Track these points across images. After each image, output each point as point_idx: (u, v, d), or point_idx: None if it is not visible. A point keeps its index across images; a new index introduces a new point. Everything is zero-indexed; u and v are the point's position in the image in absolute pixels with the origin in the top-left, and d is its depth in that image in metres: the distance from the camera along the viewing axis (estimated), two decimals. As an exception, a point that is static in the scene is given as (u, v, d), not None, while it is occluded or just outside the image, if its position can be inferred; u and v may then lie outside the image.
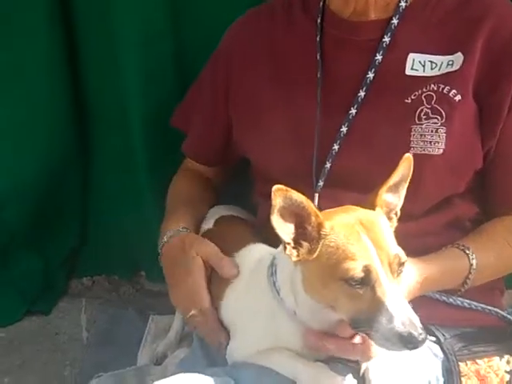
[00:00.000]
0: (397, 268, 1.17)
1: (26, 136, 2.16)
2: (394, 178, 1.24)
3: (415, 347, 1.12)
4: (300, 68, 1.54)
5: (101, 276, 2.50)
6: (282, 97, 1.55)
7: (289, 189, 1.15)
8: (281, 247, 1.31)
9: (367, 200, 1.25)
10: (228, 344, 1.40)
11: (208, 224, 1.64)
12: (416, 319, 1.13)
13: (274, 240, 1.39)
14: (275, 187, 1.14)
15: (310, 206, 1.17)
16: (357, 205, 1.24)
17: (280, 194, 1.15)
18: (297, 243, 1.19)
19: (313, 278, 1.20)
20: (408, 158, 1.24)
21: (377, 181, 1.38)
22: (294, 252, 1.18)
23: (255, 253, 1.45)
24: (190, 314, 1.45)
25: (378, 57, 1.46)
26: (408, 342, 1.11)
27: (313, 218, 1.17)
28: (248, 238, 1.52)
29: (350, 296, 1.15)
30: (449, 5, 1.48)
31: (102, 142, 2.26)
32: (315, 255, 1.17)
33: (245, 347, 1.35)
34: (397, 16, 1.46)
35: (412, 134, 1.42)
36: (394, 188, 1.26)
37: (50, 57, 2.08)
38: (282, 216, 1.16)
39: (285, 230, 1.17)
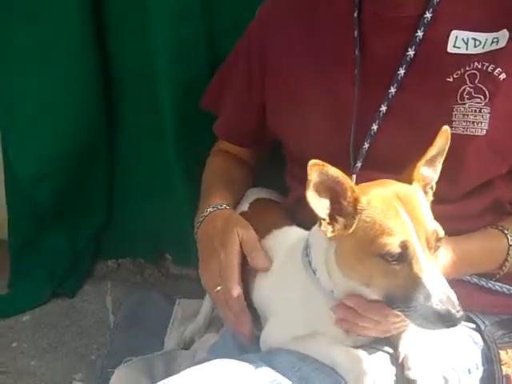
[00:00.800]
0: (434, 244, 1.15)
1: (57, 114, 2.14)
2: (432, 151, 1.22)
3: (453, 325, 1.10)
4: (337, 45, 1.49)
5: (126, 259, 2.48)
6: (318, 76, 1.50)
7: (325, 163, 1.13)
8: (315, 227, 1.28)
9: (404, 174, 1.23)
10: (260, 332, 1.37)
11: (243, 207, 1.61)
12: (454, 296, 1.10)
13: (305, 223, 1.38)
14: (311, 162, 1.12)
15: (347, 180, 1.15)
16: (394, 179, 1.21)
17: (316, 169, 1.12)
18: (332, 219, 1.16)
19: (347, 254, 1.18)
20: (446, 130, 1.21)
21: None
22: (329, 228, 1.16)
23: (290, 235, 1.42)
24: (216, 289, 1.41)
25: (419, 33, 1.39)
26: (446, 320, 1.09)
27: (349, 193, 1.15)
28: (283, 221, 1.49)
29: (385, 272, 1.13)
30: None
31: (130, 122, 2.23)
32: (351, 230, 1.14)
33: (280, 333, 1.32)
34: None
35: (454, 113, 1.37)
36: (431, 162, 1.24)
37: (81, 32, 2.05)
38: (318, 191, 1.14)
39: (320, 205, 1.15)
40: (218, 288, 1.41)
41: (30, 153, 2.19)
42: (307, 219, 1.32)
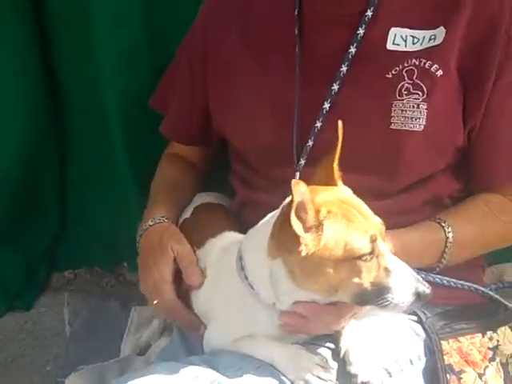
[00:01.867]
0: (383, 235, 1.20)
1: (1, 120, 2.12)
2: (339, 148, 1.25)
3: (426, 300, 1.19)
4: (278, 43, 1.51)
5: (82, 269, 2.47)
6: (258, 72, 1.51)
7: (300, 181, 1.13)
8: (246, 242, 1.30)
9: (319, 176, 1.26)
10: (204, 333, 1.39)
11: (187, 213, 1.62)
12: (415, 273, 1.19)
13: (251, 227, 1.38)
14: (295, 181, 1.12)
15: (308, 193, 1.15)
16: (314, 183, 1.24)
17: (298, 189, 1.11)
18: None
19: (311, 268, 1.17)
20: (340, 125, 1.26)
21: (358, 158, 1.39)
22: (303, 246, 1.15)
23: (224, 242, 1.43)
24: (154, 303, 1.45)
25: (360, 31, 1.42)
26: (422, 298, 1.18)
27: (310, 206, 1.15)
28: (223, 225, 1.49)
29: (357, 272, 1.16)
30: None
31: (78, 130, 2.22)
32: (323, 243, 1.15)
33: (220, 336, 1.34)
34: None
35: (393, 109, 1.39)
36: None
37: (21, 43, 2.04)
38: (296, 211, 1.14)
39: (297, 224, 1.15)
40: (155, 302, 1.45)
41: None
42: (253, 223, 1.34)
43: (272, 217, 1.25)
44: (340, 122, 1.26)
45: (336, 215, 1.16)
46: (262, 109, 1.51)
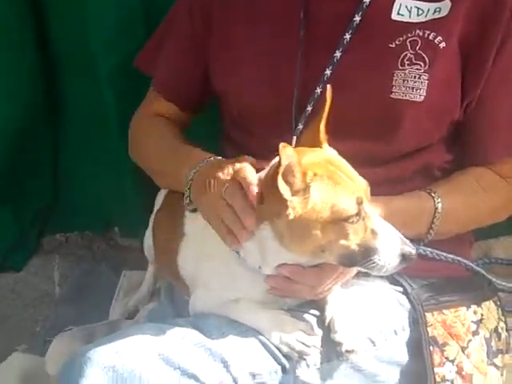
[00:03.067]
0: (369, 197, 1.21)
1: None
2: (326, 112, 1.26)
3: (412, 261, 1.21)
4: (283, 7, 1.50)
5: (74, 233, 2.47)
6: (262, 34, 1.51)
7: (288, 145, 1.13)
8: None
9: (305, 138, 1.27)
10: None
11: None
12: (401, 235, 1.20)
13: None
14: (283, 144, 1.11)
15: (295, 156, 1.15)
16: (300, 145, 1.25)
17: (285, 152, 1.11)
18: None
19: (297, 230, 1.18)
20: (329, 89, 1.27)
21: (357, 125, 1.40)
22: (290, 209, 1.16)
23: None
24: (226, 186, 1.27)
25: (366, 0, 1.42)
26: (408, 258, 1.20)
27: (297, 169, 1.15)
28: None
29: (344, 234, 1.17)
30: None
31: (71, 96, 2.20)
32: (310, 206, 1.15)
33: (206, 301, 1.35)
34: None
35: (394, 78, 1.40)
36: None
37: (14, 6, 2.00)
38: (284, 175, 1.14)
39: (284, 187, 1.15)
40: (227, 185, 1.27)
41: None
42: None
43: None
44: (329, 86, 1.27)
45: (323, 177, 1.17)
46: (263, 72, 1.50)
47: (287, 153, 1.11)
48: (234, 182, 1.26)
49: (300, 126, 1.45)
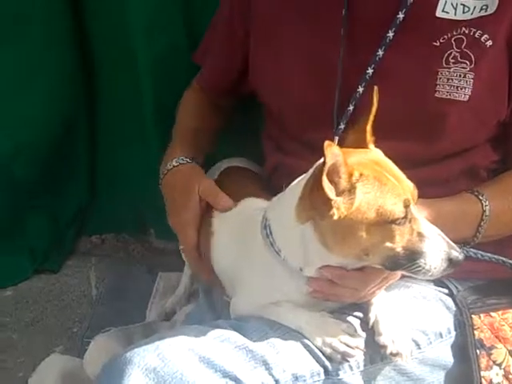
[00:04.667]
0: (416, 200, 1.19)
1: (34, 87, 2.12)
2: (373, 113, 1.23)
3: (459, 265, 1.18)
4: (325, 3, 1.47)
5: (110, 234, 2.47)
6: (303, 31, 1.48)
7: (333, 143, 1.10)
8: (273, 206, 1.28)
9: (352, 139, 1.25)
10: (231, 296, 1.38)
11: (212, 175, 1.60)
12: (450, 240, 1.17)
13: (281, 190, 1.36)
14: (327, 143, 1.08)
15: (341, 156, 1.12)
16: (345, 146, 1.22)
17: (330, 151, 1.09)
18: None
19: (342, 231, 1.15)
20: (376, 90, 1.24)
21: (401, 125, 1.37)
22: (335, 209, 1.13)
23: (246, 208, 1.40)
24: (180, 247, 1.53)
25: None
26: (455, 263, 1.17)
27: (343, 169, 1.12)
28: (248, 190, 1.47)
29: (390, 236, 1.14)
30: None
31: (109, 94, 2.21)
32: (355, 206, 1.13)
33: (247, 303, 1.33)
34: None
35: (438, 77, 1.37)
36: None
37: (54, 3, 2.03)
38: (327, 174, 1.11)
39: (329, 187, 1.12)
40: (181, 246, 1.53)
41: (6, 125, 2.17)
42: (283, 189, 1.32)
43: (300, 181, 1.22)
44: (376, 88, 1.24)
45: (369, 178, 1.14)
46: (304, 68, 1.48)
47: (333, 151, 1.08)
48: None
49: (342, 126, 1.42)
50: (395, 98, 1.38)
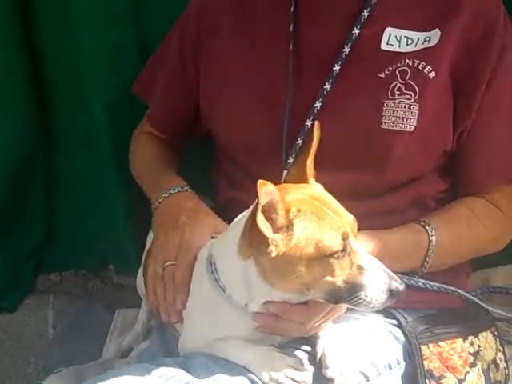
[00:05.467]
0: (356, 232, 1.19)
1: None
2: (314, 148, 1.25)
3: (400, 296, 1.18)
4: (272, 37, 1.50)
5: (69, 271, 2.44)
6: (251, 67, 1.50)
7: (267, 182, 1.11)
8: (217, 244, 1.29)
9: (292, 174, 1.27)
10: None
11: None
12: (390, 271, 1.17)
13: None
14: (260, 182, 1.10)
15: (277, 193, 1.13)
16: (288, 180, 1.26)
17: (264, 190, 1.10)
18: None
19: (282, 266, 1.16)
20: (317, 125, 1.27)
21: (348, 156, 1.40)
22: (273, 247, 1.14)
23: None
24: (167, 263, 1.39)
25: (356, 31, 1.42)
26: (396, 294, 1.17)
27: (280, 205, 1.13)
28: None
29: (330, 270, 1.15)
30: None
31: (65, 133, 2.20)
32: (293, 243, 1.13)
33: (194, 339, 1.32)
34: None
35: (384, 108, 1.39)
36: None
37: (7, 45, 2.01)
38: (263, 211, 1.13)
39: (266, 225, 1.13)
40: (169, 263, 1.38)
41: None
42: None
43: (242, 218, 1.23)
44: (317, 122, 1.27)
45: (306, 213, 1.15)
46: (254, 104, 1.50)
47: (267, 190, 1.10)
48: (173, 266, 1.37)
49: (291, 160, 1.44)
50: (342, 131, 1.41)
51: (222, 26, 1.56)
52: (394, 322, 1.41)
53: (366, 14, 1.42)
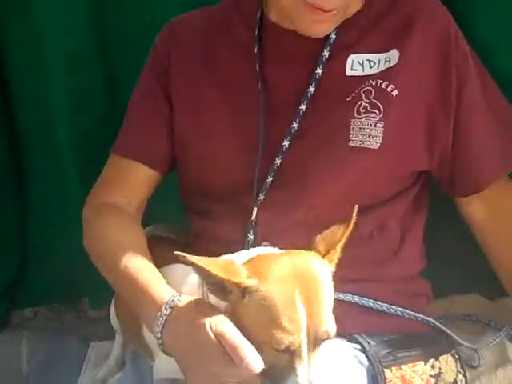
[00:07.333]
0: (320, 343, 1.16)
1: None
2: (349, 231, 1.22)
3: None
4: (241, 76, 1.54)
5: (42, 306, 2.46)
6: (226, 105, 1.53)
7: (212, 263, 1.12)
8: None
9: (317, 247, 1.22)
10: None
11: None
12: None
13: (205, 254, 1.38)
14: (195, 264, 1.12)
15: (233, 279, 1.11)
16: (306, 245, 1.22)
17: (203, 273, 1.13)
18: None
19: (235, 320, 1.15)
20: (355, 209, 1.24)
21: (321, 183, 1.45)
22: (221, 296, 1.16)
23: (169, 276, 1.37)
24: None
25: (319, 70, 1.47)
26: None
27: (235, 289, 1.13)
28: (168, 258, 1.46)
29: (271, 352, 1.13)
30: (381, 8, 1.51)
31: (37, 170, 2.24)
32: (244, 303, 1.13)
33: (168, 365, 1.31)
34: (334, 31, 1.49)
35: (351, 127, 1.44)
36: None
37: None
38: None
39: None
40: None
41: None
42: (211, 253, 1.31)
43: None
44: (356, 207, 1.24)
45: (273, 295, 1.11)
46: (227, 142, 1.53)
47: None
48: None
49: (261, 197, 1.48)
50: (314, 166, 1.46)
51: (192, 62, 1.59)
52: (358, 346, 1.45)
53: (326, 53, 1.48)
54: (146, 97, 1.66)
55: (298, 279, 1.12)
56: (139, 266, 1.35)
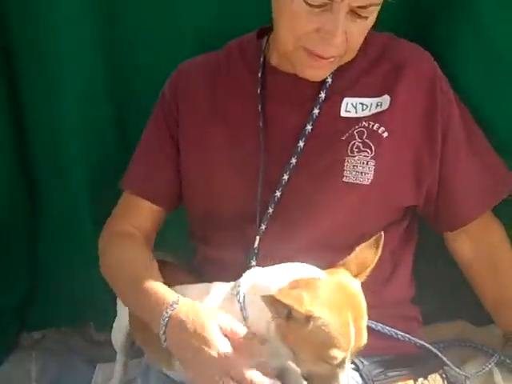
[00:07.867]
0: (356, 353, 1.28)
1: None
2: (378, 255, 1.35)
3: None
4: (244, 115, 1.64)
5: (50, 329, 2.52)
6: (228, 142, 1.63)
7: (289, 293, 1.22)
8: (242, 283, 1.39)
9: (348, 265, 1.34)
10: None
11: None
12: None
13: (209, 280, 1.50)
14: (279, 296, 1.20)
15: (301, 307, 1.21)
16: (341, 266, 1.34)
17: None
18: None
19: (293, 337, 1.26)
20: (382, 236, 1.36)
21: (318, 214, 1.55)
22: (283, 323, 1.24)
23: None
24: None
25: (316, 111, 1.58)
26: None
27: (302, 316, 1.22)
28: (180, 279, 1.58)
29: (319, 365, 1.26)
30: (373, 56, 1.62)
31: (47, 198, 2.29)
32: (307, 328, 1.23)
33: None
34: (330, 75, 1.60)
35: (345, 164, 1.55)
36: None
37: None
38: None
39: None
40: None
41: None
42: (214, 277, 1.48)
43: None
44: (382, 234, 1.36)
45: (330, 321, 1.23)
46: (230, 176, 1.63)
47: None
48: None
49: (263, 227, 1.58)
50: (312, 197, 1.57)
51: (199, 104, 1.70)
52: (352, 366, 1.53)
53: (323, 95, 1.60)
54: (154, 138, 1.78)
55: (348, 303, 1.26)
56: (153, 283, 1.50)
